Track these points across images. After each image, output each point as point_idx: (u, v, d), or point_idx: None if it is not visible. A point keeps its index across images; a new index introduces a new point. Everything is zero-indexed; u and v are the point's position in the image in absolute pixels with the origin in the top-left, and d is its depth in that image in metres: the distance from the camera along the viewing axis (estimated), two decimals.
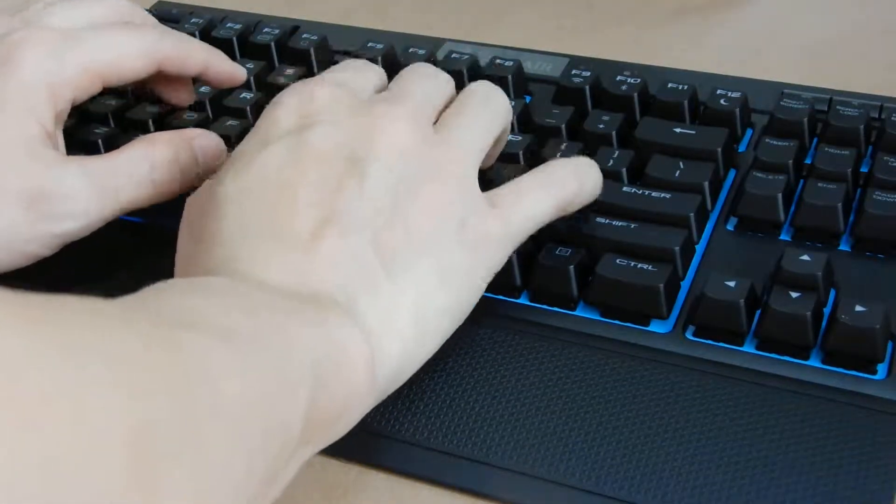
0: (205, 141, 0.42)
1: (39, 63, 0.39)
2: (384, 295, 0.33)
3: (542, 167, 0.39)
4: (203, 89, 0.50)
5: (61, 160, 0.39)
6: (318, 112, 0.36)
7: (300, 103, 0.37)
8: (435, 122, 0.38)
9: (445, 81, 0.40)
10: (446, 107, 0.39)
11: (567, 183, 0.38)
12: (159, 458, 0.22)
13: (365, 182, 0.34)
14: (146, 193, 0.41)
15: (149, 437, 0.22)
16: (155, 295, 0.29)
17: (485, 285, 0.36)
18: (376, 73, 0.41)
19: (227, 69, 0.46)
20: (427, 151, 0.36)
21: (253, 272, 0.32)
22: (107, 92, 0.49)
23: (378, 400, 0.33)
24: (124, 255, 0.44)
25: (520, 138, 0.45)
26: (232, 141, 0.46)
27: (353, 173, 0.34)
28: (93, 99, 0.48)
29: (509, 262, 0.39)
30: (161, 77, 0.45)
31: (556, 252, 0.40)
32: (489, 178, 0.40)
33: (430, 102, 0.38)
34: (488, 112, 0.39)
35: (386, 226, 0.34)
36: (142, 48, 0.42)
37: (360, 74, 0.40)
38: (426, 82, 0.39)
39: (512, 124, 0.46)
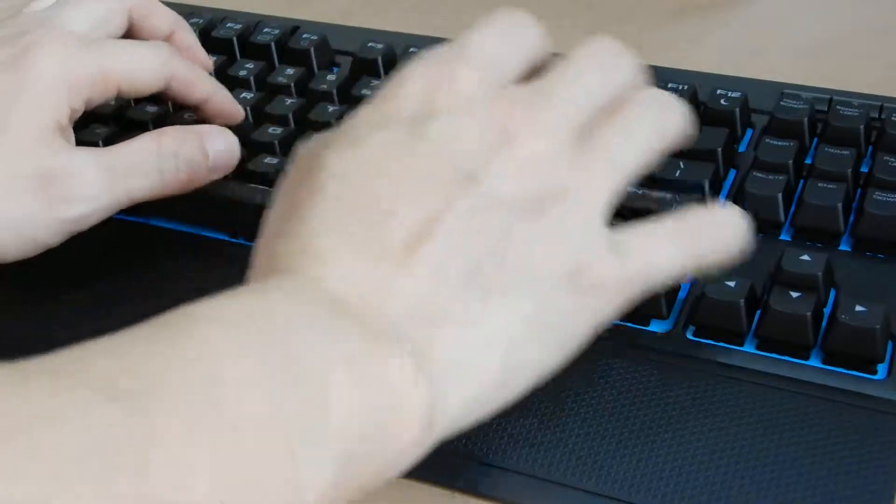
0: (216, 137, 0.43)
1: (59, 61, 0.40)
2: (470, 330, 0.29)
3: (681, 214, 0.33)
4: None
5: (72, 147, 0.40)
6: (449, 100, 0.31)
7: (434, 83, 0.32)
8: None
9: (622, 72, 0.33)
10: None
11: (700, 240, 0.33)
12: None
13: (478, 198, 0.29)
14: (154, 184, 0.41)
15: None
16: (164, 337, 0.26)
17: (585, 339, 0.31)
18: (533, 41, 0.34)
19: (229, 106, 0.46)
20: (560, 171, 0.31)
21: (326, 275, 0.29)
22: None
23: (426, 451, 0.29)
24: (122, 255, 0.44)
25: None
26: None
27: (465, 185, 0.30)
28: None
29: None
30: (209, 106, 0.45)
31: None
32: None
33: (592, 102, 0.32)
34: (653, 131, 0.33)
35: (488, 253, 0.29)
36: (155, 63, 0.42)
37: (513, 45, 0.33)
38: (593, 73, 0.33)
39: None
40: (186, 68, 0.44)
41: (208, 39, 0.54)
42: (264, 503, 0.24)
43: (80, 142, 0.47)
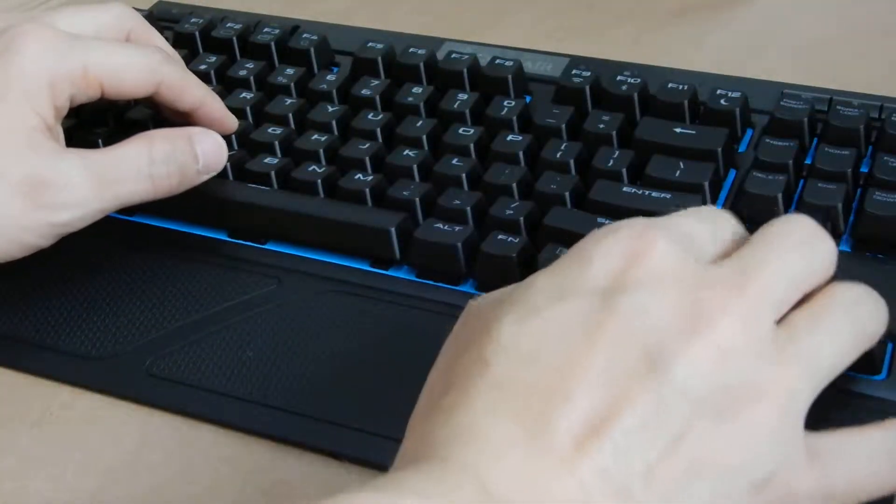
0: (204, 139, 0.42)
1: (40, 55, 0.39)
2: None
3: (892, 427, 0.30)
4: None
5: (61, 151, 0.40)
6: (644, 275, 0.28)
7: (628, 254, 0.29)
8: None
9: (823, 259, 0.30)
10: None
11: None
12: None
13: (663, 391, 0.26)
14: (144, 188, 0.41)
15: None
16: None
17: None
18: (729, 225, 0.31)
19: (220, 114, 0.45)
20: (757, 364, 0.27)
21: (483, 466, 0.26)
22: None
23: None
24: (120, 254, 0.44)
25: (520, 138, 0.45)
26: (233, 143, 0.47)
27: (652, 376, 0.27)
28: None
29: (510, 262, 0.39)
30: (200, 113, 0.45)
31: (557, 252, 0.40)
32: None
33: (794, 286, 0.29)
34: (854, 326, 0.30)
35: (667, 453, 0.26)
36: (143, 66, 0.42)
37: (707, 227, 0.31)
38: (795, 257, 0.30)
39: (512, 124, 0.46)
40: (178, 74, 0.43)
41: (208, 39, 0.54)
42: None
43: (79, 142, 0.47)
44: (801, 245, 0.30)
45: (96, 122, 0.48)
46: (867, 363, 0.35)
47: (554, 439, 0.26)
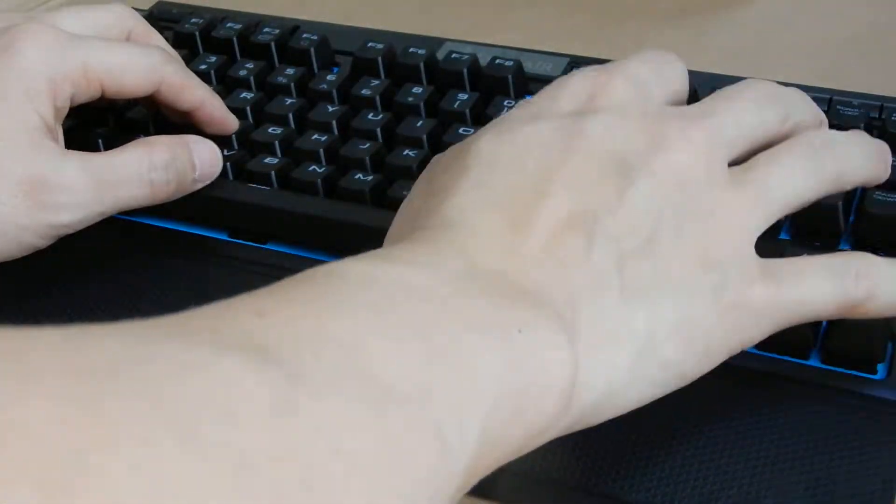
0: (202, 148, 0.43)
1: (40, 54, 0.40)
2: (612, 317, 0.29)
3: (837, 254, 0.33)
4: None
5: (62, 152, 0.40)
6: (603, 104, 0.32)
7: (590, 89, 0.33)
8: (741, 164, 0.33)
9: (779, 119, 0.34)
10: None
11: (862, 280, 0.32)
12: None
13: (629, 193, 0.30)
14: (142, 193, 0.41)
15: None
16: (299, 301, 0.25)
17: (721, 359, 0.31)
18: (679, 74, 0.35)
19: (221, 114, 0.46)
20: (711, 189, 0.31)
21: (470, 246, 0.29)
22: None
23: (556, 436, 0.29)
24: (121, 254, 0.44)
25: None
26: (233, 143, 0.47)
27: (619, 179, 0.30)
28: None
29: None
30: (161, 104, 0.45)
31: None
32: None
33: (742, 135, 0.33)
34: (815, 166, 0.33)
35: (635, 251, 0.29)
36: (144, 65, 0.42)
37: (662, 74, 0.34)
38: (747, 110, 0.33)
39: None
40: (179, 74, 0.43)
41: (208, 39, 0.54)
42: (413, 466, 0.23)
43: (80, 141, 0.47)
44: (753, 100, 0.33)
45: (96, 121, 0.48)
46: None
47: (536, 229, 0.29)
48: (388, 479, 0.22)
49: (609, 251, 0.29)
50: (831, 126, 0.44)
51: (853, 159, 0.34)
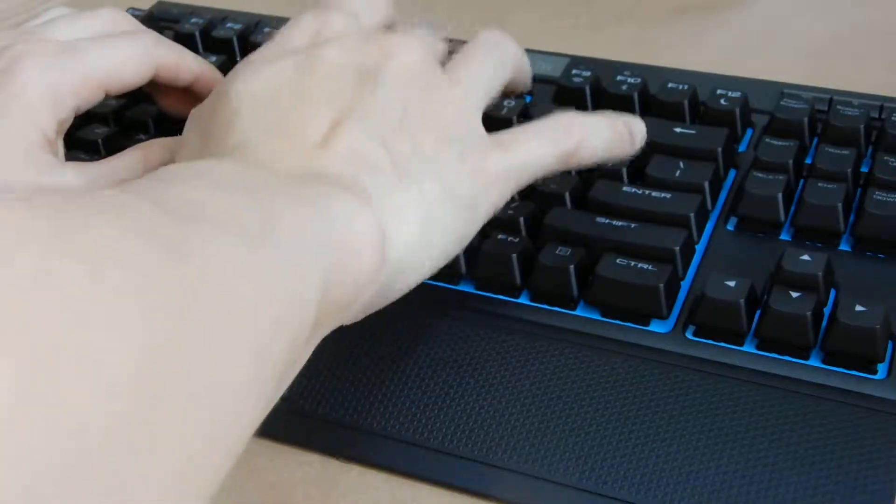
0: None
1: (41, 74, 0.40)
2: (393, 193, 0.33)
3: (555, 115, 0.39)
4: None
5: (59, 164, 0.40)
6: (332, 34, 0.38)
7: (316, 25, 0.38)
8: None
9: (441, 39, 0.41)
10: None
11: (571, 134, 0.38)
12: (168, 379, 0.22)
13: (378, 90, 0.35)
14: None
15: (159, 359, 0.22)
16: (155, 185, 0.28)
17: (482, 221, 0.36)
18: (384, 6, 0.42)
19: (217, 82, 0.46)
20: (435, 80, 0.37)
21: (263, 160, 0.33)
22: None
23: (383, 295, 0.33)
24: None
25: None
26: None
27: (365, 82, 0.35)
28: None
29: (509, 261, 0.40)
30: (157, 87, 0.45)
31: (557, 252, 0.40)
32: None
33: (433, 45, 0.39)
34: (495, 59, 0.40)
35: (395, 135, 0.34)
36: (139, 54, 0.42)
37: (370, 6, 0.41)
38: (427, 31, 0.40)
39: (512, 124, 0.46)
40: (171, 53, 0.44)
41: (208, 39, 0.54)
42: (291, 302, 0.27)
43: (80, 141, 0.47)
44: (423, 31, 0.40)
45: (96, 122, 0.48)
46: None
47: (310, 136, 0.34)
48: (254, 294, 0.26)
49: (374, 138, 0.34)
50: (833, 125, 0.44)
51: (524, 60, 0.42)
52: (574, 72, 0.49)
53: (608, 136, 0.39)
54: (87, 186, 0.39)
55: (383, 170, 0.34)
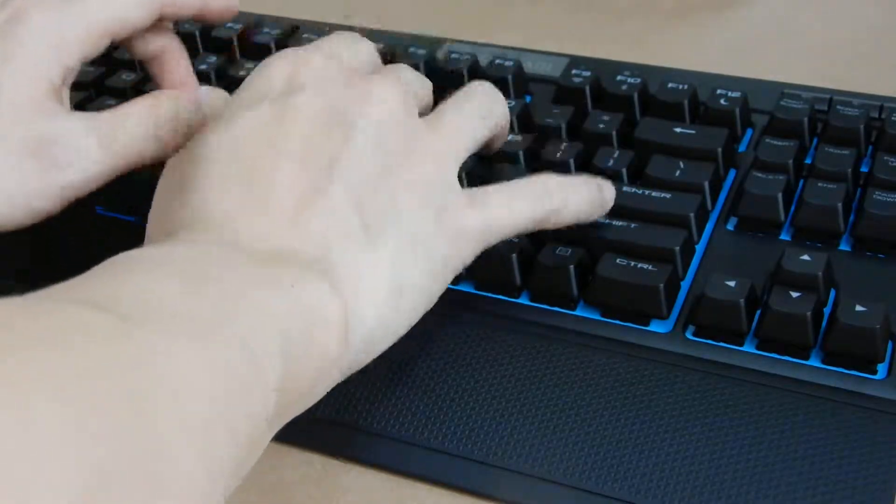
0: (213, 97, 0.42)
1: (46, 22, 0.39)
2: (362, 259, 0.33)
3: (534, 177, 0.38)
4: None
5: (66, 112, 0.39)
6: (309, 78, 0.36)
7: (291, 67, 0.37)
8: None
9: (426, 84, 0.40)
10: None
11: (551, 198, 0.38)
12: (116, 499, 0.22)
13: (352, 144, 0.34)
14: (151, 148, 0.40)
15: (106, 479, 0.21)
16: (111, 278, 0.28)
17: (451, 277, 0.36)
18: (367, 48, 0.41)
19: (221, 5, 0.45)
20: (415, 130, 0.36)
21: (225, 226, 0.32)
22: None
23: (349, 369, 0.33)
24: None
25: (520, 138, 0.45)
26: None
27: (340, 136, 0.34)
28: (92, 99, 0.48)
29: (509, 262, 0.40)
30: (159, 62, 0.45)
31: (557, 252, 0.40)
32: (487, 180, 0.40)
33: (415, 91, 0.38)
34: (480, 113, 0.39)
35: (371, 193, 0.34)
36: None
37: (351, 48, 0.40)
38: (411, 75, 0.40)
39: (512, 124, 0.46)
40: None
41: (208, 39, 0.54)
42: (226, 377, 0.27)
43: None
44: (410, 71, 0.40)
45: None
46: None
47: (279, 199, 0.33)
48: (206, 394, 0.25)
49: (348, 201, 0.33)
50: (833, 125, 0.44)
51: (507, 120, 0.41)
52: (574, 72, 0.49)
53: (587, 198, 0.39)
54: (97, 137, 0.39)
55: (354, 233, 0.33)
